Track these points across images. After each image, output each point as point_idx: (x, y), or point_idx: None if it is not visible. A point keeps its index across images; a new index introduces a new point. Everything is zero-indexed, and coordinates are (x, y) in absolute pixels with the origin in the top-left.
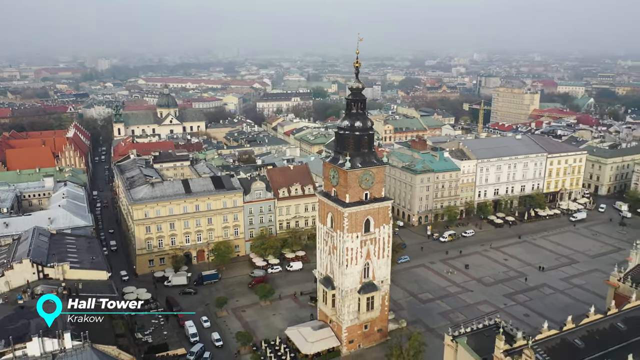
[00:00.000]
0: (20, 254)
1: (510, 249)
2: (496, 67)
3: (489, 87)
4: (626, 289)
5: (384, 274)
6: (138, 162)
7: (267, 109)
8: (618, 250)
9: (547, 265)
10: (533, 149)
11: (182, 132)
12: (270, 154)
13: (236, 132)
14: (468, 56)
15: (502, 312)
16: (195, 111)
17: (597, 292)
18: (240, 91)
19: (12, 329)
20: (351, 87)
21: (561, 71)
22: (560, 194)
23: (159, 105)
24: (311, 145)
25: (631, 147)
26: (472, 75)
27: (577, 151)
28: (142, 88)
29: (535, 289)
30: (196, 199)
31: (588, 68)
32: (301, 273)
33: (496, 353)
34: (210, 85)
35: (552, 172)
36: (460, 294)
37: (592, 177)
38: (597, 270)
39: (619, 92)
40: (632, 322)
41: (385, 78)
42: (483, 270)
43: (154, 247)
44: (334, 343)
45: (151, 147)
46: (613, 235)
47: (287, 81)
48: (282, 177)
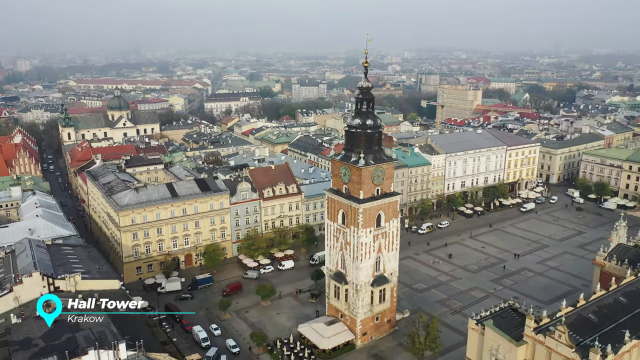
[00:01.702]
0: (25, 267)
1: (484, 237)
2: (428, 65)
3: (429, 85)
4: (612, 267)
5: (393, 266)
6: (109, 167)
7: (216, 109)
8: (580, 234)
9: (521, 251)
10: (493, 142)
11: (136, 135)
12: (238, 154)
13: (194, 133)
14: (399, 54)
15: (492, 297)
16: (149, 113)
17: (572, 272)
18: (183, 92)
19: (60, 344)
20: (360, 86)
21: (488, 68)
22: (518, 184)
23: (110, 107)
24: (274, 145)
25: (575, 138)
26: (407, 73)
27: (531, 143)
28: (75, 90)
29: (516, 273)
30: (183, 202)
31: (512, 65)
32: (293, 271)
33: (526, 332)
34: (148, 86)
35: (510, 163)
36: (451, 282)
37: (544, 167)
38: (566, 252)
39: (546, 88)
40: (630, 296)
41: (325, 77)
42: (466, 258)
43: (141, 254)
44: (349, 336)
45: (113, 152)
46: (572, 220)
47: (229, 81)
48: (265, 178)
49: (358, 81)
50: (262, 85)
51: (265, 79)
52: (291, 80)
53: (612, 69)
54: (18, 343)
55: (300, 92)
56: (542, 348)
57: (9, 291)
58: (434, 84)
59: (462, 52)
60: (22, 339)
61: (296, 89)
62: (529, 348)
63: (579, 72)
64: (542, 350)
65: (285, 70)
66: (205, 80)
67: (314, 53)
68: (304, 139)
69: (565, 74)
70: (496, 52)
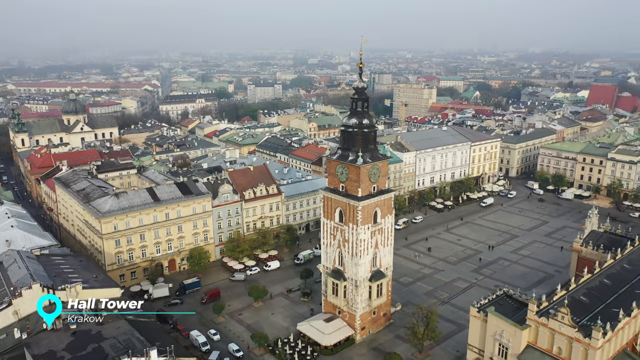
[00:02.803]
0: (20, 279)
1: (458, 230)
2: (376, 65)
3: (382, 84)
4: (588, 252)
5: (388, 261)
6: (80, 174)
7: (173, 112)
8: (545, 223)
9: (495, 242)
10: (459, 139)
11: (95, 139)
12: (207, 157)
13: (157, 136)
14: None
15: (476, 286)
16: (107, 117)
17: (543, 260)
18: (134, 94)
19: (88, 354)
20: (356, 86)
21: (434, 67)
22: (482, 178)
23: (66, 111)
24: (240, 146)
25: (530, 133)
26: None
27: (493, 139)
28: (15, 94)
29: (494, 262)
30: (166, 206)
31: (456, 64)
32: (280, 272)
33: (529, 315)
34: (94, 89)
35: (475, 158)
36: (434, 274)
37: (503, 162)
38: (535, 241)
39: (493, 85)
40: (613, 278)
41: (276, 77)
42: (444, 251)
43: (124, 261)
44: (349, 332)
45: (76, 157)
46: (535, 210)
47: (180, 82)
48: (244, 179)
49: (310, 81)
50: (216, 86)
51: (216, 80)
52: (242, 81)
53: (548, 67)
54: (42, 356)
55: (255, 93)
56: (545, 330)
57: (7, 305)
58: (387, 83)
59: (407, 52)
60: (45, 352)
61: (251, 89)
62: (532, 331)
63: (519, 70)
64: (545, 332)
65: (235, 70)
66: (154, 82)
67: (260, 53)
68: (272, 140)
69: (508, 72)
70: (439, 51)
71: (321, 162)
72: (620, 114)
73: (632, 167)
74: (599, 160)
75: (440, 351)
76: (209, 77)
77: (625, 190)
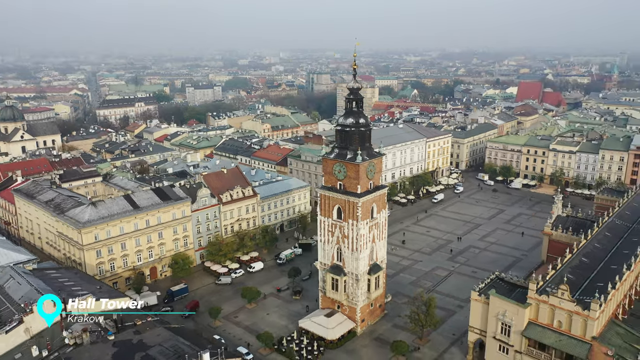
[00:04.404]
0: (25, 295)
1: (425, 222)
2: (307, 65)
3: (321, 84)
4: (558, 235)
5: (383, 254)
6: (43, 184)
7: (111, 116)
8: (502, 212)
9: (462, 232)
10: (415, 136)
11: (36, 147)
12: (167, 161)
13: (105, 142)
14: (275, 54)
15: (455, 274)
16: (47, 124)
17: (509, 245)
18: (63, 99)
19: None
20: (351, 87)
21: (364, 66)
22: (437, 172)
23: (3, 119)
24: (196, 150)
25: (475, 128)
26: (292, 73)
27: (444, 135)
28: None
29: (465, 251)
30: (146, 213)
31: (385, 63)
32: (264, 272)
33: (530, 294)
34: (17, 94)
35: (430, 154)
36: (414, 265)
37: (453, 156)
38: (498, 228)
39: (426, 84)
40: (589, 256)
41: (209, 79)
42: (417, 243)
43: (106, 272)
44: (350, 325)
45: (26, 167)
46: (490, 200)
47: (111, 86)
48: (219, 182)
49: (246, 82)
50: (152, 89)
51: (147, 82)
52: (176, 84)
53: (471, 65)
54: None
55: (195, 95)
56: (546, 307)
57: (18, 323)
58: (326, 83)
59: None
60: None
61: (190, 92)
62: (533, 308)
63: (446, 69)
64: (545, 309)
65: (165, 73)
66: (81, 85)
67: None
68: (230, 142)
69: (437, 71)
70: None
71: (286, 163)
72: (548, 108)
73: (572, 156)
74: (541, 151)
75: (438, 336)
76: (141, 80)
77: (567, 178)
